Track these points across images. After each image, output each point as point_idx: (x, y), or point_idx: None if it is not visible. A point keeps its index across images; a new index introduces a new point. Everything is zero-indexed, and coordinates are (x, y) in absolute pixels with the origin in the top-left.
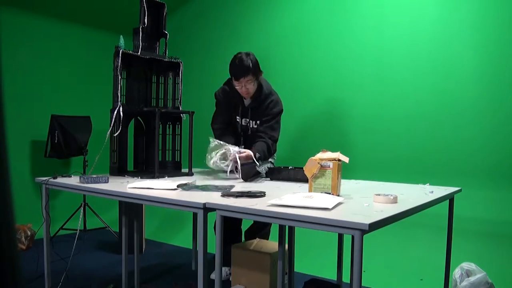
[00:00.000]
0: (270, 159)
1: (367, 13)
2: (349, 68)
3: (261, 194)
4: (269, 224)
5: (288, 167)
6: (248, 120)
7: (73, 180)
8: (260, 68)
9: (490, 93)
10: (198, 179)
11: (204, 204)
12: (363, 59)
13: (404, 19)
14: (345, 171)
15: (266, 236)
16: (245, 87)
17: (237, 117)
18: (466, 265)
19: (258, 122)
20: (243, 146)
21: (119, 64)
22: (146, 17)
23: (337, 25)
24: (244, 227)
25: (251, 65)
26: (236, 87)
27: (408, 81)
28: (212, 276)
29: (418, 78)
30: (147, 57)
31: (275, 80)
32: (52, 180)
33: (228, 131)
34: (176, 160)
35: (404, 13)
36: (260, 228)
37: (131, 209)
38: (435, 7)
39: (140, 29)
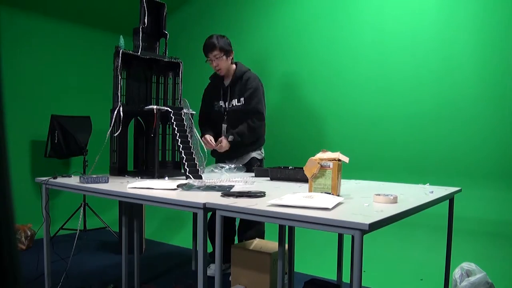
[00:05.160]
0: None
1: (367, 12)
2: (349, 68)
3: (261, 194)
4: (259, 224)
5: (288, 167)
6: (227, 100)
7: (73, 180)
8: (230, 48)
9: (491, 93)
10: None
11: (204, 204)
12: (363, 59)
13: (404, 18)
14: (345, 171)
15: (261, 235)
16: (216, 63)
17: (220, 102)
18: (466, 265)
19: (238, 100)
20: (225, 126)
21: (119, 64)
22: (146, 17)
23: (337, 25)
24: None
25: (217, 41)
26: (211, 66)
27: (408, 81)
28: (209, 272)
29: (418, 78)
30: (147, 57)
31: (275, 79)
32: (52, 180)
33: (208, 121)
34: (176, 160)
35: (404, 12)
36: (251, 226)
37: (131, 209)
38: (436, 5)
39: (140, 29)
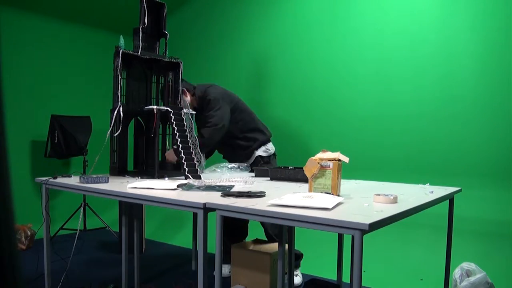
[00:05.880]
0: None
1: (368, 13)
2: (349, 68)
3: (261, 194)
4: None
5: (288, 167)
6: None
7: (73, 180)
8: (185, 88)
9: (491, 93)
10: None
11: (204, 204)
12: (363, 59)
13: (404, 19)
14: (345, 171)
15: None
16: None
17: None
18: (466, 265)
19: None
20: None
21: (119, 64)
22: (146, 17)
23: (337, 25)
24: (253, 228)
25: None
26: None
27: (408, 81)
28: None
29: (418, 78)
30: (147, 57)
31: (275, 80)
32: (52, 180)
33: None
34: None
35: (404, 13)
36: (240, 228)
37: (131, 209)
38: (436, 5)
39: (140, 29)
